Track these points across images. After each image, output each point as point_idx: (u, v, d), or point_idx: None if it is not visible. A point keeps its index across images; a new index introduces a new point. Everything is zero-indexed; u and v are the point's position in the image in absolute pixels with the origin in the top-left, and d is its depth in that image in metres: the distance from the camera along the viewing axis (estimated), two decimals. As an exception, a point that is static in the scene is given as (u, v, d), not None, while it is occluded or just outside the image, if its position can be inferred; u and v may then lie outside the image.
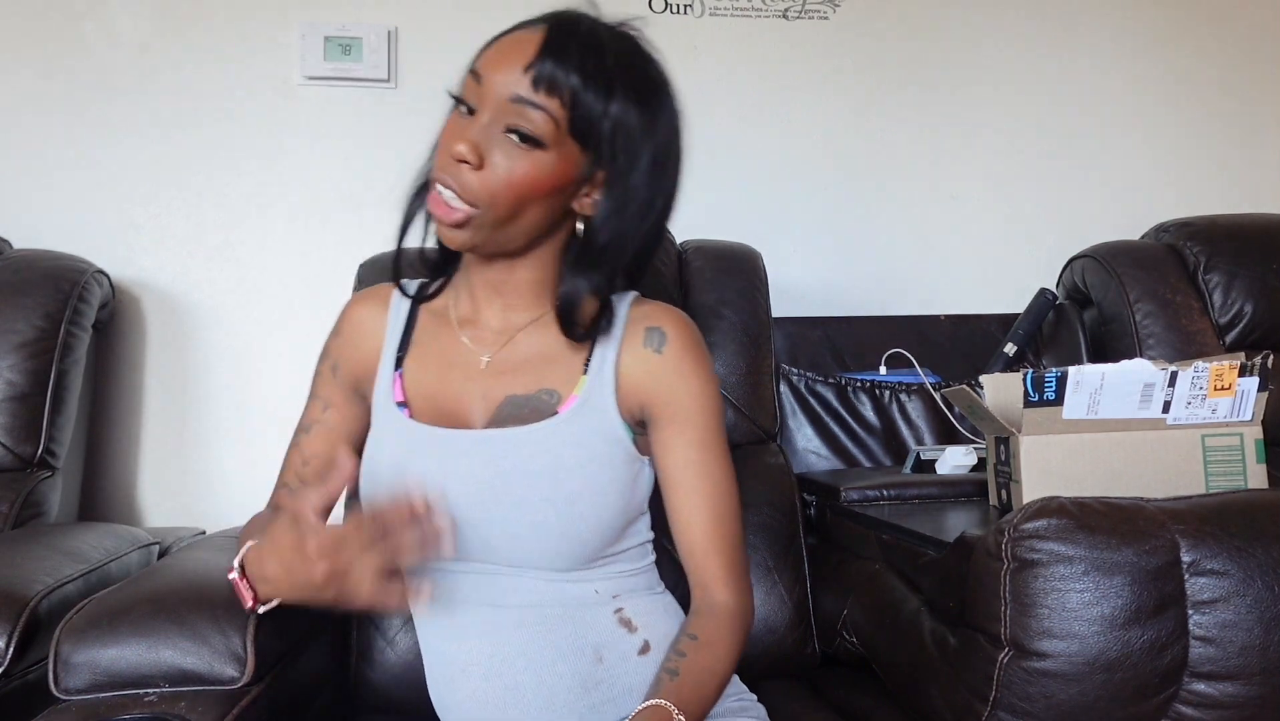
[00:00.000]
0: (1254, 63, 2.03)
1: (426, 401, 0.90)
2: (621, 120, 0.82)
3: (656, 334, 0.90)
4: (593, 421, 0.87)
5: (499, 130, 0.79)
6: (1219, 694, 0.80)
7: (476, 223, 0.81)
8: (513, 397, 0.88)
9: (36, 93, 1.64)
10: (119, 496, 1.64)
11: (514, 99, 0.79)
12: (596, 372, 0.88)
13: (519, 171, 0.80)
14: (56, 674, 0.82)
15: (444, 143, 0.82)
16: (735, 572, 0.89)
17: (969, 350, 1.71)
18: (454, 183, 0.80)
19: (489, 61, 0.81)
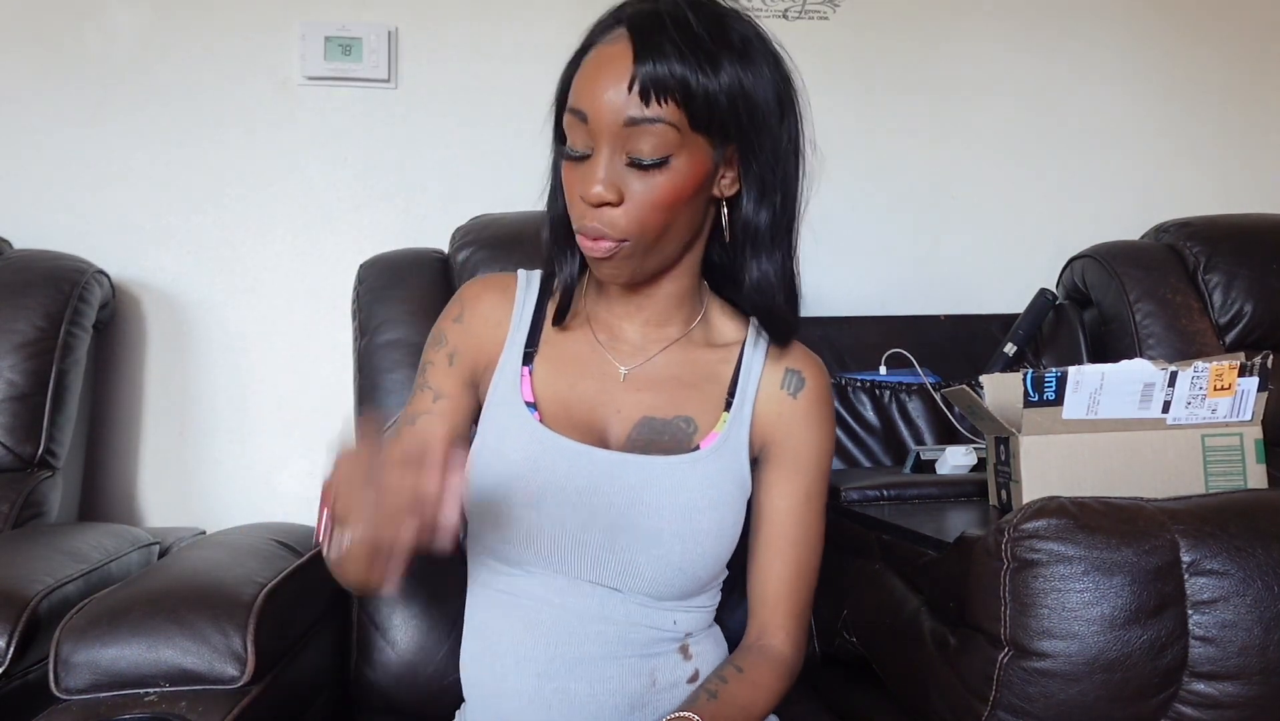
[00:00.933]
0: (1254, 63, 2.03)
1: (558, 406, 0.87)
2: (733, 88, 0.78)
3: (795, 377, 0.90)
4: (727, 462, 0.87)
5: (621, 161, 0.78)
6: (1219, 693, 0.80)
7: (629, 251, 0.80)
8: (650, 420, 0.87)
9: (36, 92, 1.64)
10: (119, 496, 1.64)
11: (628, 123, 0.76)
12: (738, 411, 0.88)
13: (660, 191, 0.78)
14: (57, 673, 0.82)
15: (573, 192, 0.80)
16: (798, 625, 0.91)
17: (969, 350, 1.71)
18: (600, 225, 0.79)
19: (587, 94, 0.78)
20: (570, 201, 0.81)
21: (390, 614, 1.14)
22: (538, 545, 0.84)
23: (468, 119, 1.74)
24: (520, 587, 0.86)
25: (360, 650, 1.13)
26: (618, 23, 0.80)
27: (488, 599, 0.90)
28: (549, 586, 0.86)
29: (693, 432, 0.87)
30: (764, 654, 0.89)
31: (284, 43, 1.70)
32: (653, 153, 0.77)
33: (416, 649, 1.12)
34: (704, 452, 0.86)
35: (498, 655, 0.87)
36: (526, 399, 0.87)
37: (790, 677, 0.90)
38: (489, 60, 1.75)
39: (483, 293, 0.94)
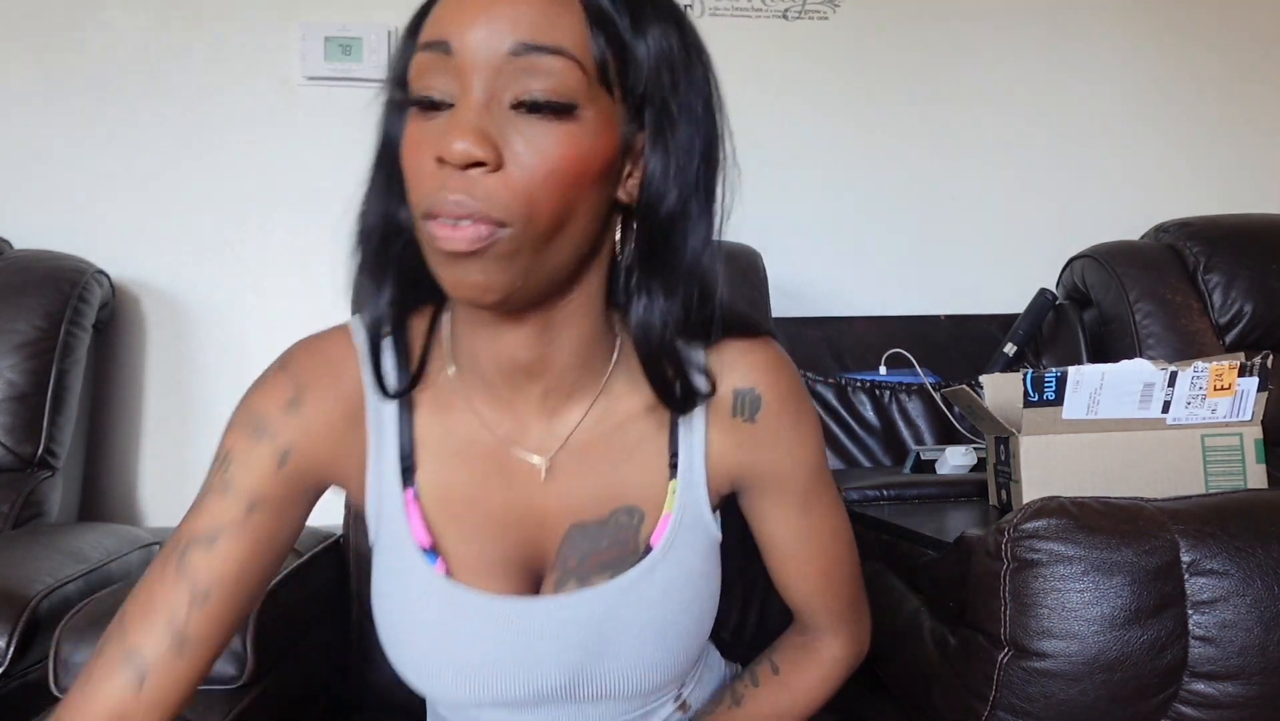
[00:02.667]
0: (1254, 63, 2.03)
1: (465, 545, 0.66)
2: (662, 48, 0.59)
3: (747, 397, 0.68)
4: (690, 540, 0.68)
5: (503, 108, 0.54)
6: (1219, 693, 0.80)
7: (510, 245, 0.54)
8: (583, 528, 0.67)
9: (37, 93, 1.64)
10: (119, 496, 1.64)
11: (515, 51, 0.54)
12: (687, 473, 0.68)
13: (560, 153, 0.54)
14: (56, 673, 0.82)
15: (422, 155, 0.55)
16: (843, 620, 0.79)
17: (969, 350, 1.71)
18: (466, 198, 0.53)
19: (452, 19, 0.55)
20: (415, 172, 0.56)
21: (390, 614, 1.14)
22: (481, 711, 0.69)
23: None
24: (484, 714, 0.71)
25: (360, 650, 1.13)
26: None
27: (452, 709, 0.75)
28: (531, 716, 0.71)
29: (638, 525, 0.67)
30: (808, 653, 0.79)
31: (284, 43, 1.70)
32: (554, 91, 0.54)
33: (416, 649, 1.12)
34: (659, 551, 0.67)
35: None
36: (421, 543, 0.65)
37: (840, 675, 0.80)
38: (489, 60, 1.75)
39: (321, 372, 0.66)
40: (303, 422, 0.65)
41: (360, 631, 1.14)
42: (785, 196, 1.85)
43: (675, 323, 0.61)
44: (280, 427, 0.64)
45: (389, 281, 0.64)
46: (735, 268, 1.46)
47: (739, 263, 1.47)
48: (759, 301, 1.43)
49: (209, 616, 0.61)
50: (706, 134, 0.63)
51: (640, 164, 0.60)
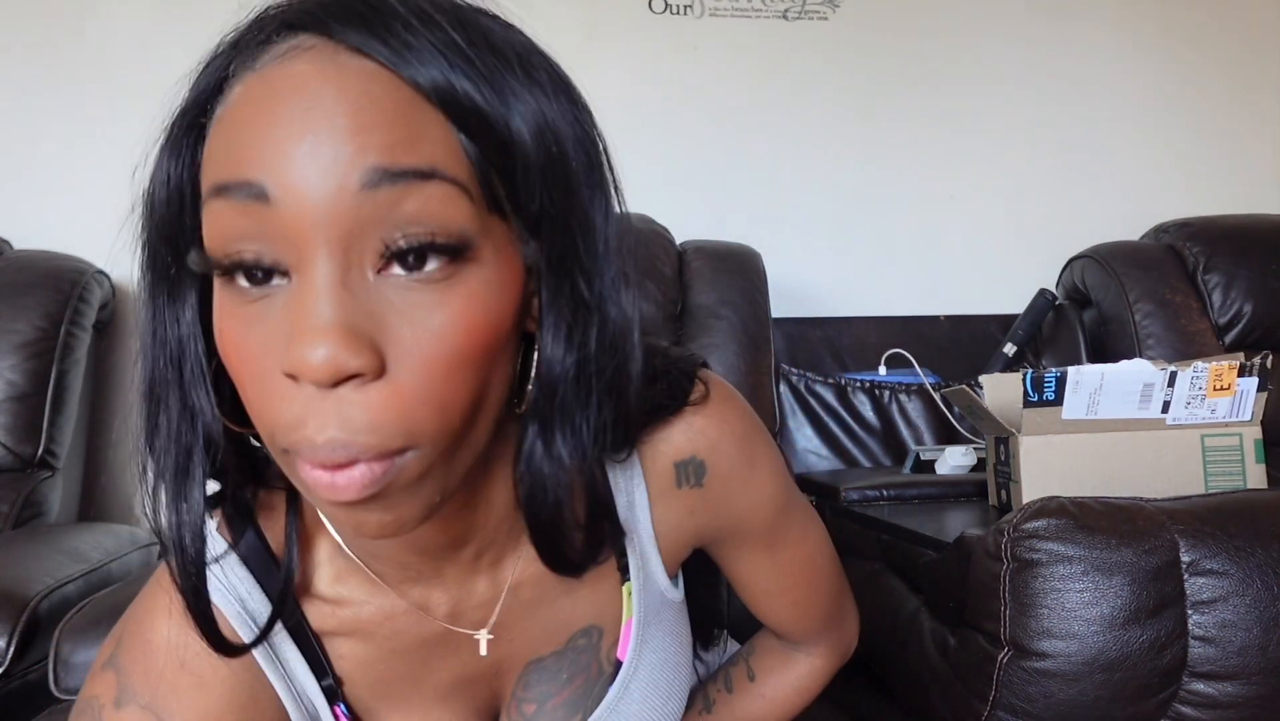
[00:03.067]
0: (1253, 63, 2.03)
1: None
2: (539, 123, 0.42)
3: (689, 467, 0.58)
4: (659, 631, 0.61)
5: (364, 278, 0.38)
6: (1218, 693, 0.80)
7: (419, 471, 0.40)
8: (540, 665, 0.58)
9: (37, 93, 1.64)
10: (119, 496, 1.64)
11: (368, 183, 0.37)
12: (640, 570, 0.59)
13: (459, 333, 0.39)
14: (56, 673, 0.83)
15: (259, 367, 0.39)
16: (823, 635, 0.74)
17: (969, 350, 1.71)
18: (340, 429, 0.37)
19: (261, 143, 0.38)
20: (255, 387, 0.39)
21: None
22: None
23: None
24: None
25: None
26: (289, 25, 0.42)
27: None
28: None
29: (598, 642, 0.59)
30: (785, 660, 0.74)
31: (284, 43, 1.70)
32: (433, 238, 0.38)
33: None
34: (628, 664, 0.59)
35: None
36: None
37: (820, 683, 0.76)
38: (489, 60, 1.75)
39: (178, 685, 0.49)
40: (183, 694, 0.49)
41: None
42: (785, 196, 1.85)
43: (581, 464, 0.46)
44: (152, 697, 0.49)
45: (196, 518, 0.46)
46: (735, 267, 1.46)
47: (739, 262, 1.47)
48: (759, 301, 1.44)
49: None
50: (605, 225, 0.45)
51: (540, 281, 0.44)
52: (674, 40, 1.82)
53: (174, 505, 0.45)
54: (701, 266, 1.45)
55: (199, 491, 0.45)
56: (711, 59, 1.84)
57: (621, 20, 1.81)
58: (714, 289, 1.43)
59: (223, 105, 0.42)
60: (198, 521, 0.45)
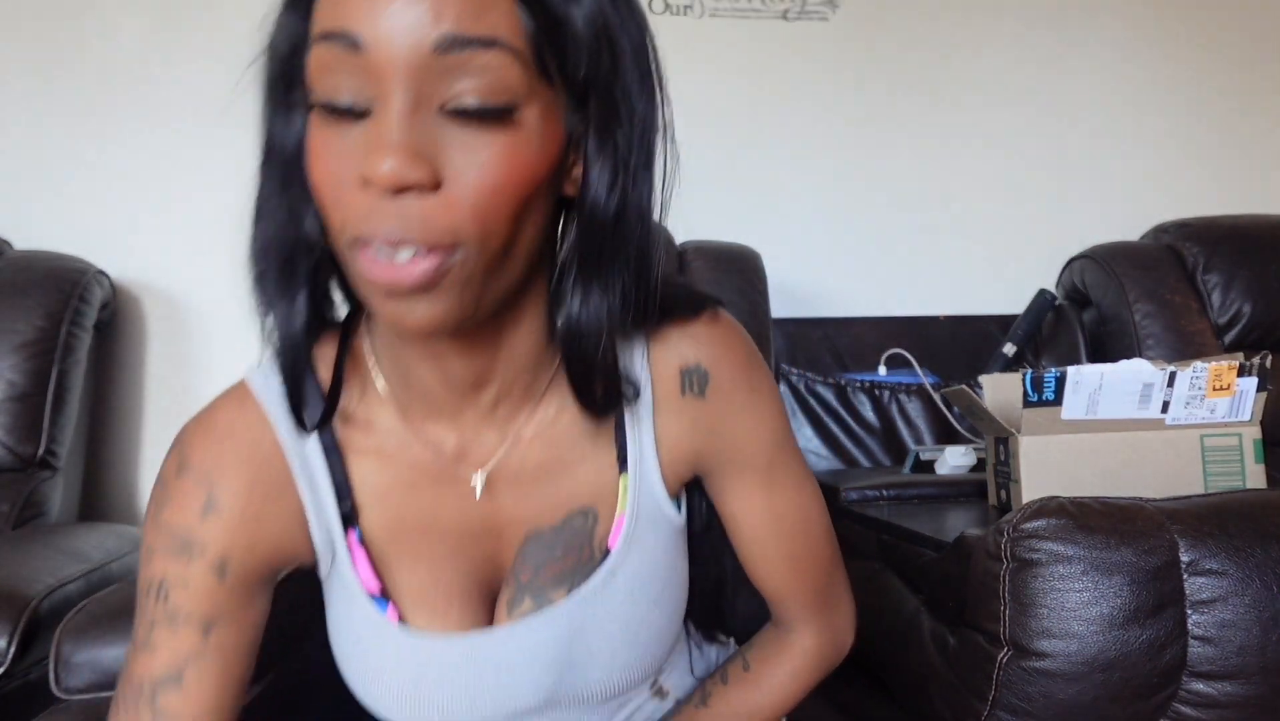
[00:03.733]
0: (1253, 64, 2.03)
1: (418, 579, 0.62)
2: (596, 17, 0.50)
3: (694, 375, 0.64)
4: (650, 535, 0.64)
5: (431, 114, 0.47)
6: (1218, 693, 0.80)
7: (464, 270, 0.48)
8: (538, 536, 0.63)
9: (36, 93, 1.64)
10: (119, 496, 1.64)
11: (441, 46, 0.45)
12: (637, 465, 0.63)
13: (501, 166, 0.48)
14: (58, 673, 0.82)
15: (340, 175, 0.48)
16: (816, 609, 0.74)
17: (969, 350, 1.71)
18: (404, 227, 0.46)
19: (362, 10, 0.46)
20: (332, 193, 0.48)
21: (390, 614, 1.14)
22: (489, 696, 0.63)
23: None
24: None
25: (360, 650, 1.13)
26: None
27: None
28: None
29: (593, 527, 0.63)
30: (780, 647, 0.75)
31: (284, 43, 1.70)
32: (490, 93, 0.47)
33: (417, 648, 1.12)
34: (617, 554, 0.63)
35: None
36: (370, 590, 0.61)
37: (812, 667, 0.76)
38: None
39: (226, 458, 0.59)
40: (226, 523, 0.58)
41: (360, 631, 1.14)
42: (785, 196, 1.85)
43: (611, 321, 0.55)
44: (206, 538, 0.57)
45: (300, 307, 0.55)
46: (735, 267, 1.46)
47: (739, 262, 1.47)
48: (759, 301, 1.44)
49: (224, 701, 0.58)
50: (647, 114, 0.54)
51: (582, 153, 0.53)
52: (674, 40, 1.82)
53: (282, 295, 0.55)
54: (701, 266, 1.45)
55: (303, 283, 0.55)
56: (711, 59, 1.84)
57: (621, 20, 1.81)
58: (714, 289, 1.43)
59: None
60: (302, 310, 0.55)
